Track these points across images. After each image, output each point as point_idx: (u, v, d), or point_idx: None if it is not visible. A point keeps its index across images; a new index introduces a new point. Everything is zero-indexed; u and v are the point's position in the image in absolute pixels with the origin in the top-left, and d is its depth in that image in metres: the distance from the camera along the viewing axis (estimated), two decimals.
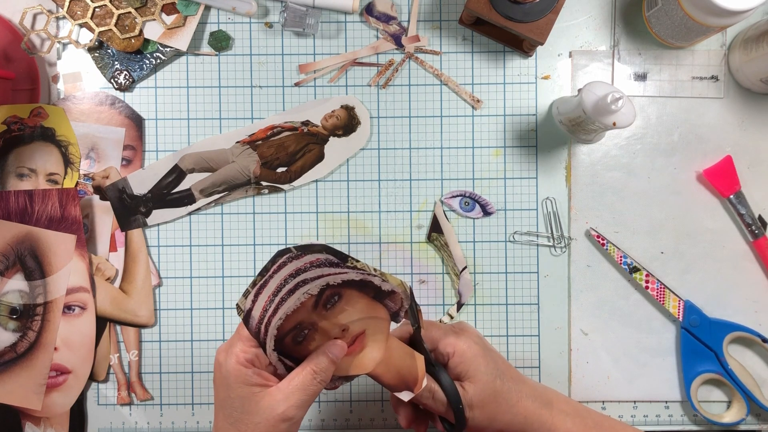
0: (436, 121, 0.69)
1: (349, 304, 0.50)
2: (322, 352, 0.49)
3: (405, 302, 0.51)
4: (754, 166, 0.68)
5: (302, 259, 0.49)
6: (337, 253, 0.49)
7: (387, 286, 0.50)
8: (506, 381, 0.53)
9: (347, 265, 0.49)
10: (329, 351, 0.49)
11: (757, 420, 0.68)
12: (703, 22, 0.59)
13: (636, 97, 0.68)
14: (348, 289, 0.50)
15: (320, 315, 0.49)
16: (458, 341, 0.53)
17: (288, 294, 0.48)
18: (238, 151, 0.68)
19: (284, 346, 0.50)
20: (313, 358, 0.49)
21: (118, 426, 0.69)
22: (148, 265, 0.69)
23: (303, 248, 0.49)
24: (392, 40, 0.68)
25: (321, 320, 0.49)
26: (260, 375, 0.48)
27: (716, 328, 0.67)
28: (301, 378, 0.48)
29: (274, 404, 0.47)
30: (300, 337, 0.49)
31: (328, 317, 0.50)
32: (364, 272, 0.49)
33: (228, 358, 0.48)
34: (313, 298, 0.49)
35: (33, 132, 0.68)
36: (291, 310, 0.48)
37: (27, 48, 0.67)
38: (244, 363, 0.48)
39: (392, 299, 0.51)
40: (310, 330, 0.50)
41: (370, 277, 0.50)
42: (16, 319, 0.67)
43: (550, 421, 0.54)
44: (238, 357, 0.48)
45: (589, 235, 0.68)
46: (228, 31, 0.69)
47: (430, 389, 0.52)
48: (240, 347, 0.48)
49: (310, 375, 0.48)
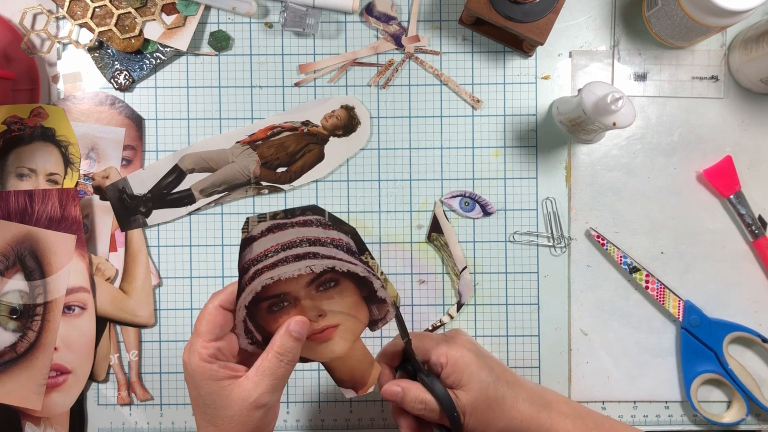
0: (436, 121, 0.69)
1: (340, 294, 0.50)
2: (284, 333, 0.48)
3: (389, 316, 0.51)
4: (754, 166, 0.68)
5: (328, 231, 0.49)
6: (359, 242, 0.49)
7: (382, 293, 0.50)
8: (500, 387, 0.53)
9: (361, 258, 0.49)
10: (292, 329, 0.48)
11: (757, 420, 0.68)
12: (703, 22, 0.59)
13: (636, 97, 0.68)
14: (347, 280, 0.49)
15: (308, 292, 0.49)
16: (450, 350, 0.53)
17: (294, 258, 0.48)
18: (238, 151, 0.68)
19: (257, 310, 0.49)
20: (276, 341, 0.48)
21: (118, 426, 0.69)
22: (148, 265, 0.69)
23: (335, 222, 0.49)
24: (392, 40, 0.68)
25: (305, 298, 0.49)
26: (226, 367, 0.48)
27: (716, 328, 0.67)
28: (267, 363, 0.48)
29: (244, 394, 0.47)
30: (277, 307, 0.49)
31: (314, 298, 0.49)
32: (370, 271, 0.49)
33: (191, 357, 0.48)
34: (312, 275, 0.48)
35: (33, 132, 0.68)
36: (286, 276, 0.48)
37: (27, 48, 0.67)
38: (206, 359, 0.48)
39: (379, 307, 0.51)
40: (289, 304, 0.49)
41: (372, 278, 0.49)
42: (16, 319, 0.67)
43: (548, 424, 0.54)
44: (200, 354, 0.48)
45: (589, 235, 0.68)
46: (228, 31, 0.69)
47: (422, 400, 0.52)
48: (200, 344, 0.48)
49: (276, 358, 0.48)
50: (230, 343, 0.49)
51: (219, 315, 0.49)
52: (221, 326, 0.49)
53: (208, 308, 0.49)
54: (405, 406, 0.53)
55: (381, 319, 0.51)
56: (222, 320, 0.49)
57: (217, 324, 0.48)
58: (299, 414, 0.69)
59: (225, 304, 0.49)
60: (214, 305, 0.49)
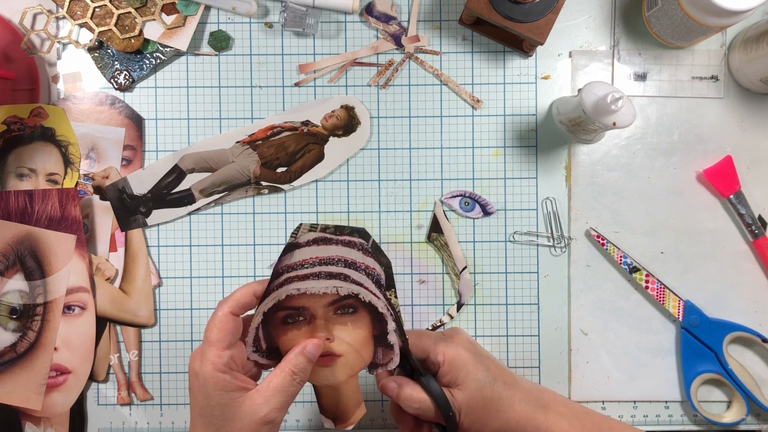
0: (436, 121, 0.69)
1: (354, 323, 0.50)
2: (300, 352, 0.48)
3: (391, 365, 0.51)
4: (754, 166, 0.68)
5: (365, 257, 0.49)
6: (390, 277, 0.50)
7: (393, 338, 0.50)
8: (497, 387, 0.53)
9: (385, 293, 0.49)
10: (307, 351, 0.48)
11: (757, 420, 0.68)
12: (703, 22, 0.59)
13: (636, 97, 0.68)
14: (365, 311, 0.50)
15: (326, 313, 0.49)
16: (448, 349, 0.53)
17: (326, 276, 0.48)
18: (238, 151, 0.68)
19: (272, 318, 0.49)
20: (292, 359, 0.48)
21: (118, 426, 0.69)
22: (148, 265, 0.69)
23: (375, 250, 0.49)
24: (392, 40, 0.68)
25: (321, 318, 0.49)
26: (237, 378, 0.48)
27: (716, 328, 0.67)
28: (280, 380, 0.48)
29: (255, 408, 0.47)
30: (291, 320, 0.49)
31: (329, 320, 0.49)
32: (389, 309, 0.49)
33: (204, 365, 0.47)
34: (336, 296, 0.48)
35: (33, 132, 0.68)
36: (312, 291, 0.48)
37: (27, 48, 0.67)
38: (221, 368, 0.47)
39: (385, 352, 0.51)
40: (304, 320, 0.49)
41: (389, 318, 0.49)
42: (16, 319, 0.67)
43: (545, 425, 0.54)
44: (214, 363, 0.47)
45: (589, 235, 0.68)
46: (228, 31, 0.69)
47: (417, 399, 0.52)
48: (213, 353, 0.47)
49: (289, 376, 0.48)
50: (241, 352, 0.49)
51: (230, 322, 0.48)
52: (232, 333, 0.48)
53: (218, 315, 0.48)
54: (400, 403, 0.53)
55: (382, 364, 0.51)
56: (233, 327, 0.48)
57: (229, 331, 0.48)
58: (299, 414, 0.69)
59: (234, 310, 0.49)
60: (224, 312, 0.48)
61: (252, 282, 0.50)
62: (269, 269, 0.69)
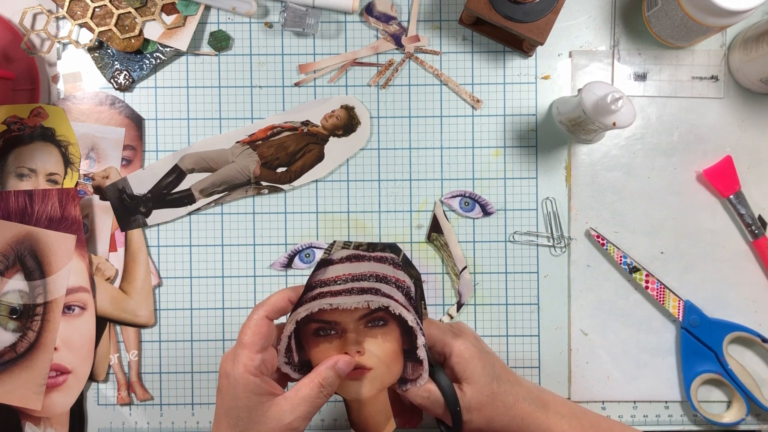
0: (436, 121, 0.69)
1: (384, 336, 0.50)
2: (331, 366, 0.49)
3: (420, 380, 0.51)
4: (754, 166, 0.68)
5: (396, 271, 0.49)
6: (420, 293, 0.50)
7: (422, 353, 0.50)
8: (503, 383, 0.54)
9: (415, 307, 0.49)
10: (338, 366, 0.49)
11: (757, 420, 0.68)
12: (703, 22, 0.59)
13: (636, 97, 0.68)
14: (395, 324, 0.50)
15: (356, 326, 0.50)
16: (456, 342, 0.53)
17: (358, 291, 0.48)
18: (238, 151, 0.68)
19: (304, 329, 0.50)
20: (322, 372, 0.49)
21: (118, 426, 0.69)
22: (148, 265, 0.69)
23: (406, 263, 0.50)
24: (392, 40, 0.68)
25: (352, 332, 0.50)
26: (267, 383, 0.49)
27: (716, 328, 0.67)
28: (308, 390, 0.48)
29: (281, 414, 0.48)
30: (323, 333, 0.50)
31: (359, 333, 0.50)
32: (419, 324, 0.50)
33: (236, 367, 0.48)
34: (367, 309, 0.49)
35: (33, 132, 0.68)
36: (344, 307, 0.48)
37: (27, 48, 0.67)
38: (253, 371, 0.48)
39: (414, 367, 0.51)
40: (336, 333, 0.50)
41: (418, 333, 0.50)
42: (16, 319, 0.67)
43: (545, 424, 0.54)
44: (246, 365, 0.48)
45: (589, 235, 0.68)
46: (228, 31, 0.69)
47: (427, 389, 0.52)
48: (246, 355, 0.48)
49: (318, 388, 0.48)
50: (272, 357, 0.50)
51: (264, 326, 0.49)
52: (266, 337, 0.49)
53: (253, 318, 0.49)
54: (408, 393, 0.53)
55: (411, 380, 0.52)
56: (267, 331, 0.49)
57: (263, 335, 0.49)
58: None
59: (270, 315, 0.50)
60: (260, 315, 0.49)
61: (286, 288, 0.51)
62: (269, 269, 0.69)
